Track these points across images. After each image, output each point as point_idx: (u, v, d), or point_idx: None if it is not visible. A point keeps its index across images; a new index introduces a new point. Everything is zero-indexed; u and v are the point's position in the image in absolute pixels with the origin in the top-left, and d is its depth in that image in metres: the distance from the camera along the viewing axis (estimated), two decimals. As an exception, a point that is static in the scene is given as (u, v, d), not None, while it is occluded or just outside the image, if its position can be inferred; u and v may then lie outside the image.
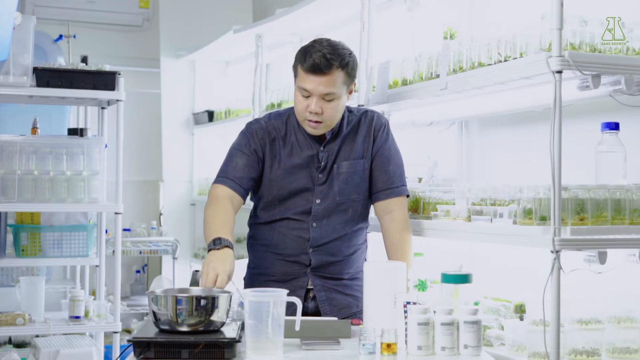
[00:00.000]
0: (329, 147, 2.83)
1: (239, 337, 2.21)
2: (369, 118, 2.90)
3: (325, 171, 2.82)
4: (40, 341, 4.05)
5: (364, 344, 2.24)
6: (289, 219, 2.82)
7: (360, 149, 2.85)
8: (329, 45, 2.72)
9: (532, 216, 2.47)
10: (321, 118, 2.74)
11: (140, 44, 6.87)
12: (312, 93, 2.71)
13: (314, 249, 2.81)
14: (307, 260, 2.82)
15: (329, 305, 2.82)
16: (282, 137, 2.83)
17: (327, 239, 2.82)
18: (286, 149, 2.82)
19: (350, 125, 2.87)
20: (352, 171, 2.83)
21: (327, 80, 2.69)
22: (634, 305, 2.53)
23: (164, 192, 6.57)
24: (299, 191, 2.81)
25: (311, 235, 2.80)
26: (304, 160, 2.81)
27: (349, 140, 2.85)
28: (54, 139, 4.08)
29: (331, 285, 2.83)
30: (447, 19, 3.63)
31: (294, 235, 2.81)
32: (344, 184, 2.81)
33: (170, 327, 2.23)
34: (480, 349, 2.28)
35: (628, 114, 2.73)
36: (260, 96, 5.21)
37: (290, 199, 2.81)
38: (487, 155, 3.59)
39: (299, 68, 2.74)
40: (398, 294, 2.44)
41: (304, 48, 2.75)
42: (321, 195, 2.81)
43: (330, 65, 2.68)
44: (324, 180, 2.82)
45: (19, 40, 3.76)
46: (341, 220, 2.84)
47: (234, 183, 2.77)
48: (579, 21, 2.53)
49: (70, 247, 4.13)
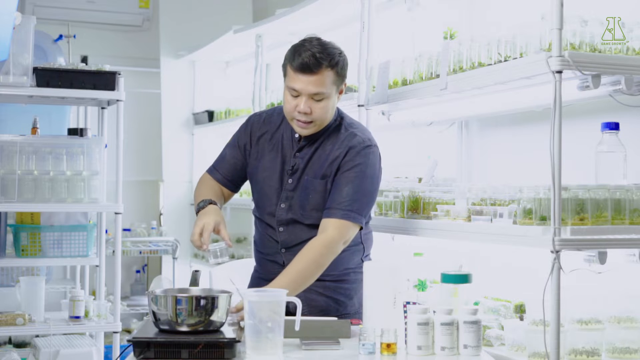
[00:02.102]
0: (302, 154, 2.79)
1: (238, 337, 2.21)
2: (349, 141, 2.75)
3: (295, 177, 2.78)
4: (40, 341, 4.05)
5: (364, 344, 2.24)
6: (261, 220, 2.85)
7: (325, 168, 2.75)
8: (319, 44, 2.69)
9: (532, 216, 2.47)
10: (310, 118, 2.70)
11: (140, 44, 6.87)
12: (301, 93, 2.68)
13: (286, 250, 2.80)
14: (280, 259, 2.81)
15: (307, 306, 2.71)
16: (273, 133, 2.84)
17: (297, 241, 2.77)
18: (270, 144, 2.83)
19: (328, 138, 2.77)
20: (312, 189, 2.75)
21: (316, 80, 2.66)
22: (634, 305, 2.53)
23: (164, 192, 6.57)
24: (269, 191, 2.81)
25: (279, 239, 2.80)
26: (280, 160, 2.81)
27: (321, 154, 2.77)
28: (54, 139, 4.08)
29: (312, 285, 2.70)
30: (447, 19, 3.63)
31: (267, 236, 2.84)
32: (305, 199, 2.76)
33: (170, 327, 2.23)
34: (480, 349, 2.28)
35: (628, 114, 2.73)
36: (260, 96, 5.21)
37: (261, 197, 2.83)
38: (487, 155, 3.59)
39: (288, 67, 2.72)
40: (398, 294, 2.44)
41: (294, 47, 2.74)
42: (287, 201, 2.77)
43: (320, 65, 2.65)
44: (292, 187, 2.78)
45: (19, 40, 3.76)
46: (306, 229, 2.76)
47: (220, 176, 2.92)
48: (579, 21, 2.53)
49: (70, 247, 4.13)
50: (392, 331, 2.25)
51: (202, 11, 6.50)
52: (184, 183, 6.54)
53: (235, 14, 6.45)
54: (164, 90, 6.55)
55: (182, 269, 6.15)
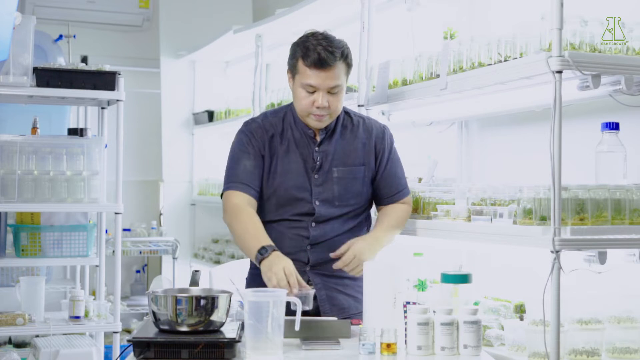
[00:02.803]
0: (324, 147, 2.82)
1: (238, 337, 2.21)
2: (368, 125, 2.90)
3: (322, 172, 2.81)
4: (40, 341, 4.05)
5: (364, 344, 2.24)
6: (287, 220, 2.81)
7: (360, 155, 2.84)
8: (325, 38, 2.73)
9: (532, 216, 2.47)
10: (328, 111, 2.74)
11: (140, 44, 6.87)
12: (319, 88, 2.70)
13: (312, 247, 2.80)
14: (305, 257, 2.79)
15: (329, 305, 2.79)
16: (280, 134, 2.83)
17: (326, 237, 2.80)
18: (283, 145, 2.82)
19: (345, 128, 2.86)
20: (351, 177, 2.82)
21: (332, 74, 2.70)
22: (634, 305, 2.53)
23: (164, 192, 6.56)
24: (297, 191, 2.79)
25: (310, 234, 2.79)
26: (300, 158, 2.80)
27: (346, 144, 2.84)
28: (54, 139, 4.08)
29: (332, 284, 2.80)
30: (447, 19, 3.63)
31: (293, 234, 2.80)
32: (343, 189, 2.81)
33: (170, 327, 2.23)
34: (479, 349, 2.28)
35: (628, 114, 2.73)
36: (260, 96, 5.21)
37: (289, 199, 2.79)
38: (487, 155, 3.59)
39: (300, 64, 2.72)
40: (398, 294, 2.44)
41: (302, 43, 2.74)
42: (320, 197, 2.80)
43: (334, 58, 2.69)
44: (321, 182, 2.80)
45: (19, 40, 3.76)
46: (341, 221, 2.83)
47: (247, 187, 2.76)
48: (579, 21, 2.53)
49: (70, 247, 4.13)
50: (392, 331, 2.25)
51: (202, 11, 6.50)
52: (184, 183, 6.54)
53: (235, 14, 6.44)
54: (164, 90, 6.55)
55: (182, 269, 6.15)
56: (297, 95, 2.76)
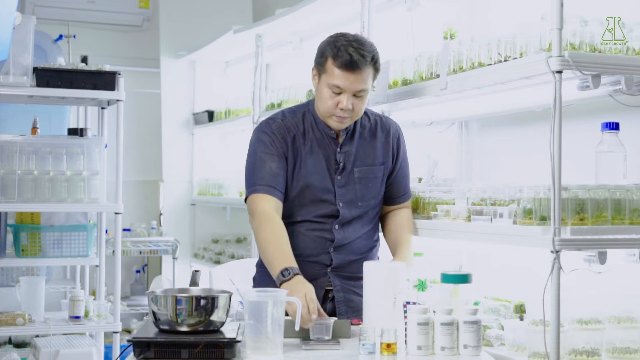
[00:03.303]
0: (346, 149, 2.81)
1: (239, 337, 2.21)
2: (385, 124, 2.91)
3: (344, 173, 2.80)
4: (40, 341, 4.05)
5: (364, 344, 2.23)
6: (310, 222, 2.77)
7: (380, 155, 2.85)
8: (356, 40, 2.68)
9: (532, 216, 2.47)
10: (351, 114, 2.72)
11: (140, 44, 6.87)
12: (345, 90, 2.67)
13: (335, 249, 2.79)
14: (328, 260, 2.78)
15: (345, 307, 2.79)
16: (302, 135, 2.79)
17: (349, 239, 2.80)
18: (306, 146, 2.78)
19: (364, 127, 2.86)
20: (372, 177, 2.82)
21: (361, 77, 2.66)
22: (634, 305, 2.53)
23: (164, 192, 6.57)
24: (321, 193, 2.76)
25: (335, 237, 2.77)
26: (323, 160, 2.78)
27: (365, 143, 2.84)
28: (54, 139, 4.08)
29: (350, 286, 2.80)
30: (447, 19, 3.63)
31: (315, 236, 2.77)
32: (365, 189, 2.80)
33: (170, 327, 2.23)
34: (480, 349, 2.28)
35: (628, 114, 2.73)
36: (260, 96, 5.21)
37: (313, 200, 2.76)
38: (487, 155, 3.59)
39: (329, 64, 2.67)
40: (398, 294, 2.44)
41: (332, 43, 2.69)
42: (343, 199, 2.78)
43: (365, 62, 2.65)
44: (343, 183, 2.79)
45: (19, 40, 3.76)
46: (361, 222, 2.82)
47: (273, 189, 2.70)
48: (579, 21, 2.53)
49: (70, 247, 4.13)
50: (392, 331, 2.25)
51: (202, 11, 6.50)
52: (184, 183, 6.54)
53: (235, 14, 6.44)
54: (164, 90, 6.55)
55: (182, 269, 6.15)
56: (322, 94, 2.72)
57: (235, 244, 6.17)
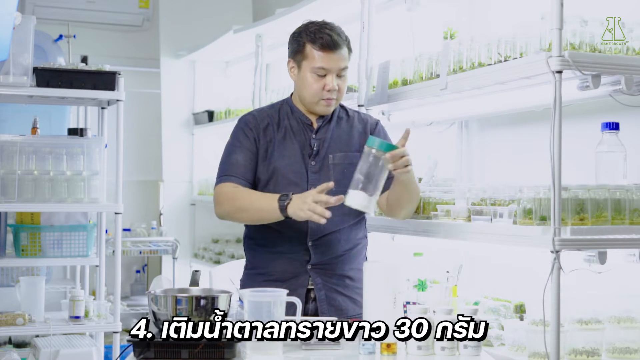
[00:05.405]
0: (321, 135, 2.83)
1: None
2: (363, 117, 2.95)
3: (318, 158, 2.80)
4: (40, 341, 4.05)
5: (364, 344, 2.24)
6: None
7: (356, 142, 2.84)
8: (325, 23, 2.79)
9: (532, 216, 2.47)
10: (336, 95, 2.78)
11: (140, 44, 6.87)
12: (330, 70, 2.74)
13: (313, 242, 2.76)
14: (307, 255, 2.77)
15: (328, 306, 2.76)
16: (276, 123, 2.84)
17: (326, 231, 2.76)
18: (280, 133, 2.82)
19: (341, 118, 2.88)
20: (348, 163, 2.79)
21: (341, 56, 2.75)
22: (634, 305, 2.53)
23: (164, 192, 6.57)
24: (294, 176, 2.77)
25: (309, 227, 2.75)
26: (297, 145, 2.80)
27: (341, 131, 2.85)
28: (54, 139, 4.08)
29: (332, 284, 2.77)
30: (447, 19, 3.63)
31: (292, 230, 2.75)
32: (341, 175, 2.77)
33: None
34: (480, 349, 2.28)
35: (628, 114, 2.73)
36: (260, 96, 5.21)
37: (284, 185, 2.76)
38: (487, 155, 3.59)
39: (309, 49, 2.74)
40: (398, 294, 2.44)
41: (305, 30, 2.77)
42: (316, 184, 2.71)
43: (343, 40, 2.76)
44: (317, 169, 2.79)
45: (19, 40, 3.76)
46: (340, 213, 2.73)
47: (237, 179, 2.75)
48: (579, 21, 2.53)
49: (70, 247, 4.13)
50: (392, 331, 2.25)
51: (202, 11, 6.50)
52: (184, 183, 6.54)
53: (235, 14, 6.44)
54: (164, 90, 6.55)
55: (182, 269, 6.15)
56: (306, 81, 2.76)
57: (235, 244, 6.17)
